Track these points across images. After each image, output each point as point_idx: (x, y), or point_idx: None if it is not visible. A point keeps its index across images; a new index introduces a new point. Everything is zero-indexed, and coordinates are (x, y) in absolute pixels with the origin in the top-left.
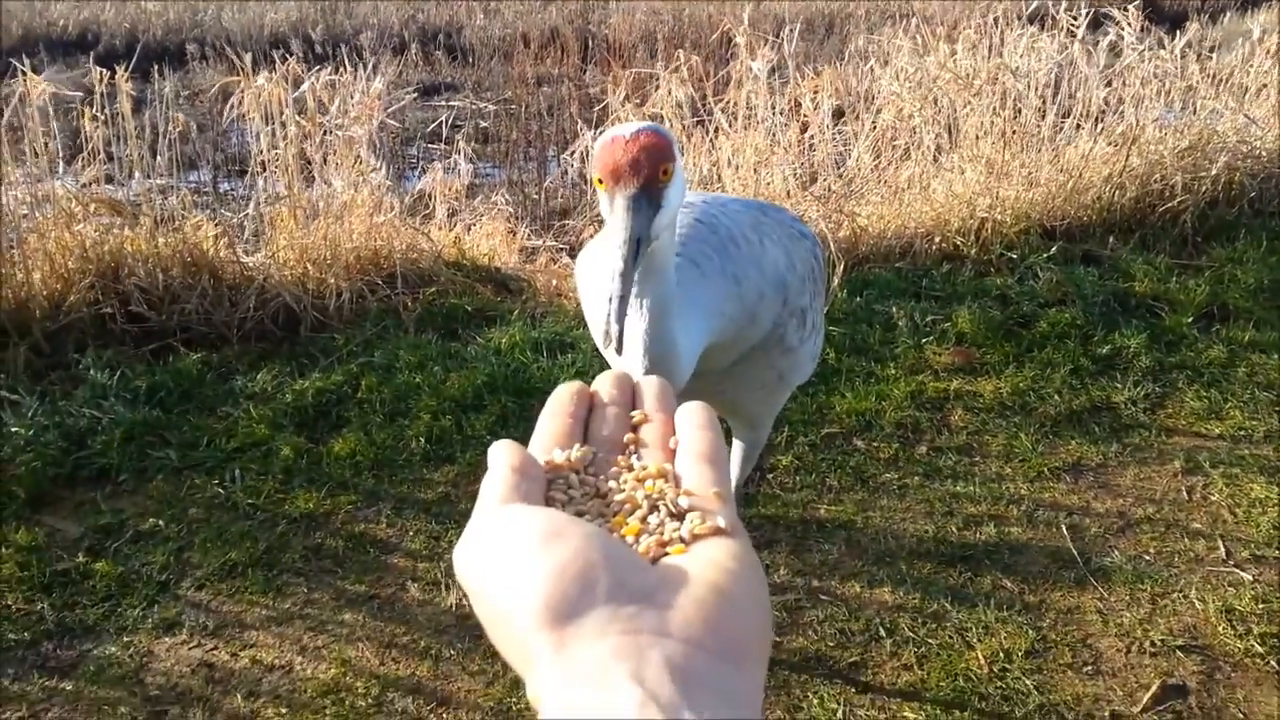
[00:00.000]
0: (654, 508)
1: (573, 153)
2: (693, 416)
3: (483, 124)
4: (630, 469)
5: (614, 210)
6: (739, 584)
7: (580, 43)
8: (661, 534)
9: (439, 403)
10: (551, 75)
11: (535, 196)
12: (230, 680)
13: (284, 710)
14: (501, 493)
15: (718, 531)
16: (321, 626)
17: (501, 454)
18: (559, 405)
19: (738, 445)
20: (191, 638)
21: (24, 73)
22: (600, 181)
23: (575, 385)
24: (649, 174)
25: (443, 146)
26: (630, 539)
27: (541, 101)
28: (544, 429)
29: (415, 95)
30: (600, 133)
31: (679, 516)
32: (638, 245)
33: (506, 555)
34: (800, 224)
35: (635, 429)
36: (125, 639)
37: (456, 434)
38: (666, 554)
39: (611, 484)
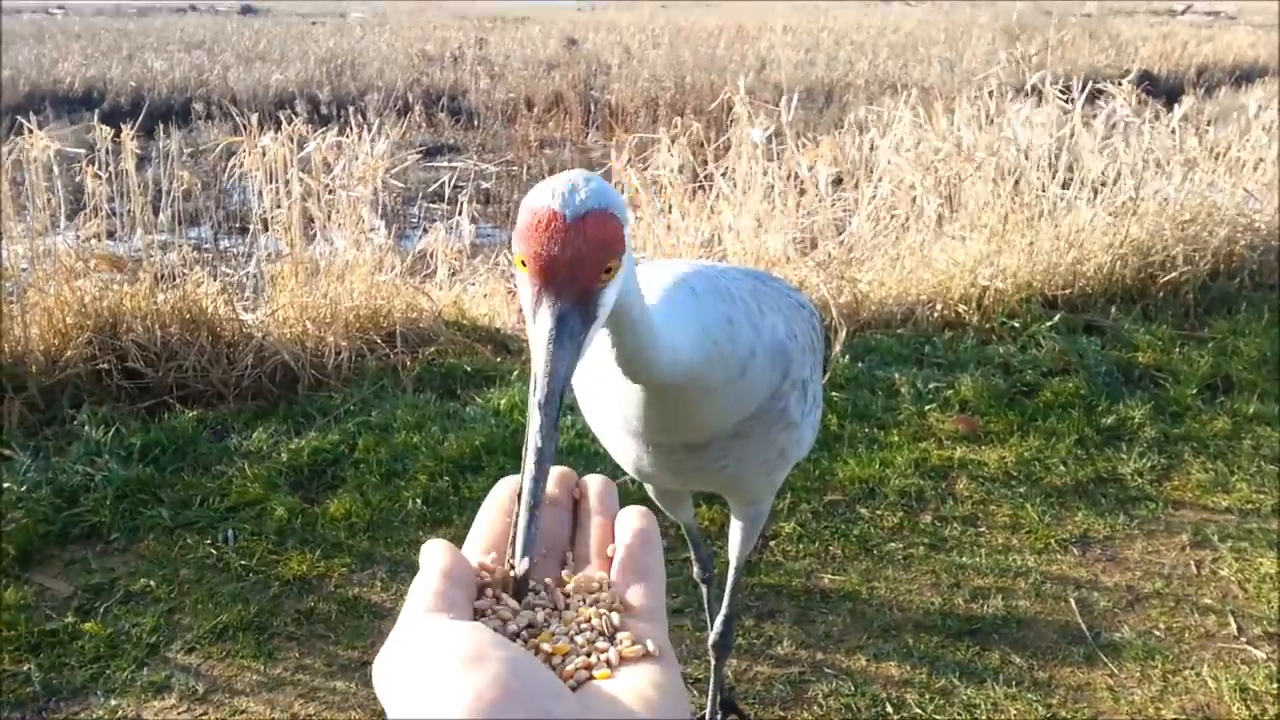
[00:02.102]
0: (584, 625)
1: None
2: (632, 524)
3: (485, 185)
4: (563, 584)
5: (536, 323)
6: (655, 714)
7: (583, 107)
8: (589, 655)
9: (436, 463)
10: (554, 138)
11: None
12: None
13: None
14: (428, 601)
15: (645, 656)
16: (313, 693)
17: (432, 556)
18: (498, 502)
19: (737, 525)
20: (181, 702)
21: (29, 129)
22: (523, 264)
23: (515, 483)
24: (589, 279)
25: (445, 206)
26: (557, 659)
27: (544, 163)
28: (482, 526)
29: (419, 156)
30: (532, 187)
31: (609, 636)
32: (561, 398)
33: (424, 676)
34: (799, 294)
35: (574, 532)
36: (113, 702)
37: (453, 495)
38: (592, 677)
39: (544, 596)
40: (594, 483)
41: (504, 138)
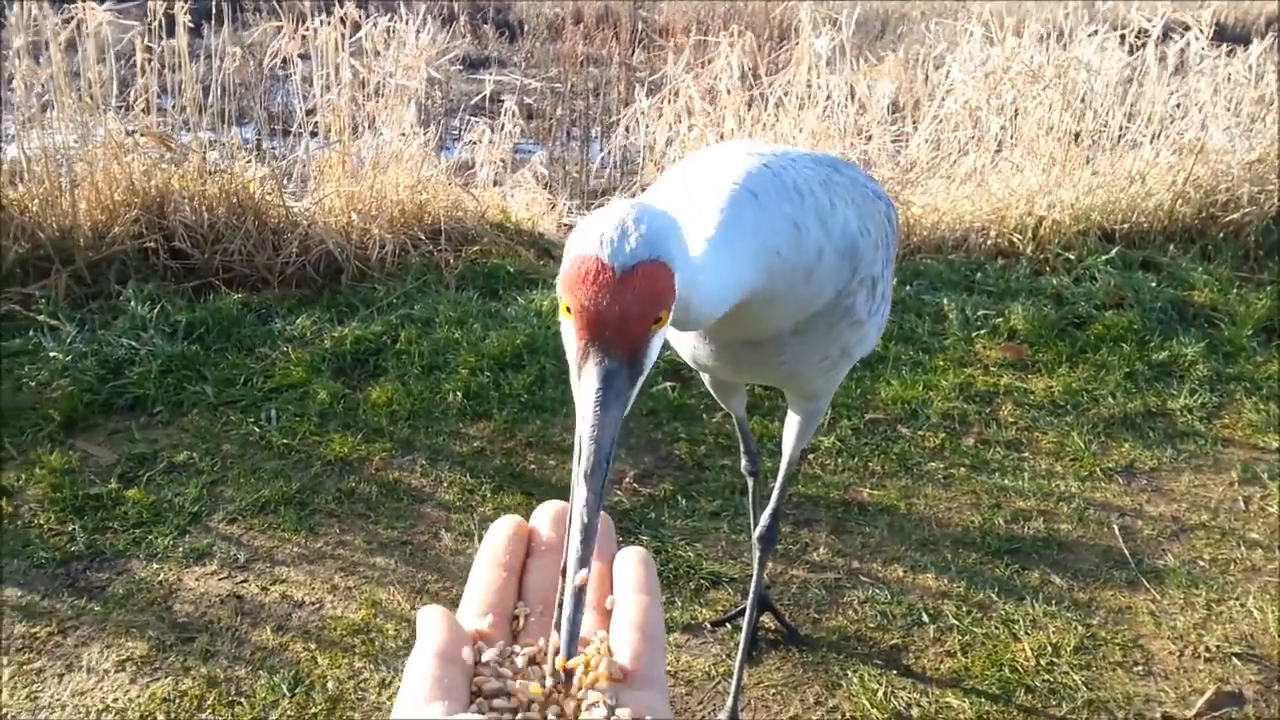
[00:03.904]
0: (584, 698)
1: (624, 126)
2: (632, 574)
3: (527, 100)
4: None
5: (581, 379)
6: None
7: (631, 23)
8: None
9: (477, 359)
10: (601, 56)
11: (576, 175)
12: (259, 613)
13: (312, 646)
14: (424, 690)
15: None
16: (353, 567)
17: (428, 630)
18: (493, 554)
19: (794, 418)
20: (221, 569)
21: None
22: (568, 311)
23: (510, 527)
24: (637, 335)
25: (488, 120)
26: None
27: (589, 81)
28: (477, 581)
29: (461, 69)
30: (579, 228)
31: (609, 712)
32: (608, 466)
33: None
34: (874, 183)
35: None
36: (155, 566)
37: (494, 391)
38: None
39: (541, 667)
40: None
41: (549, 53)
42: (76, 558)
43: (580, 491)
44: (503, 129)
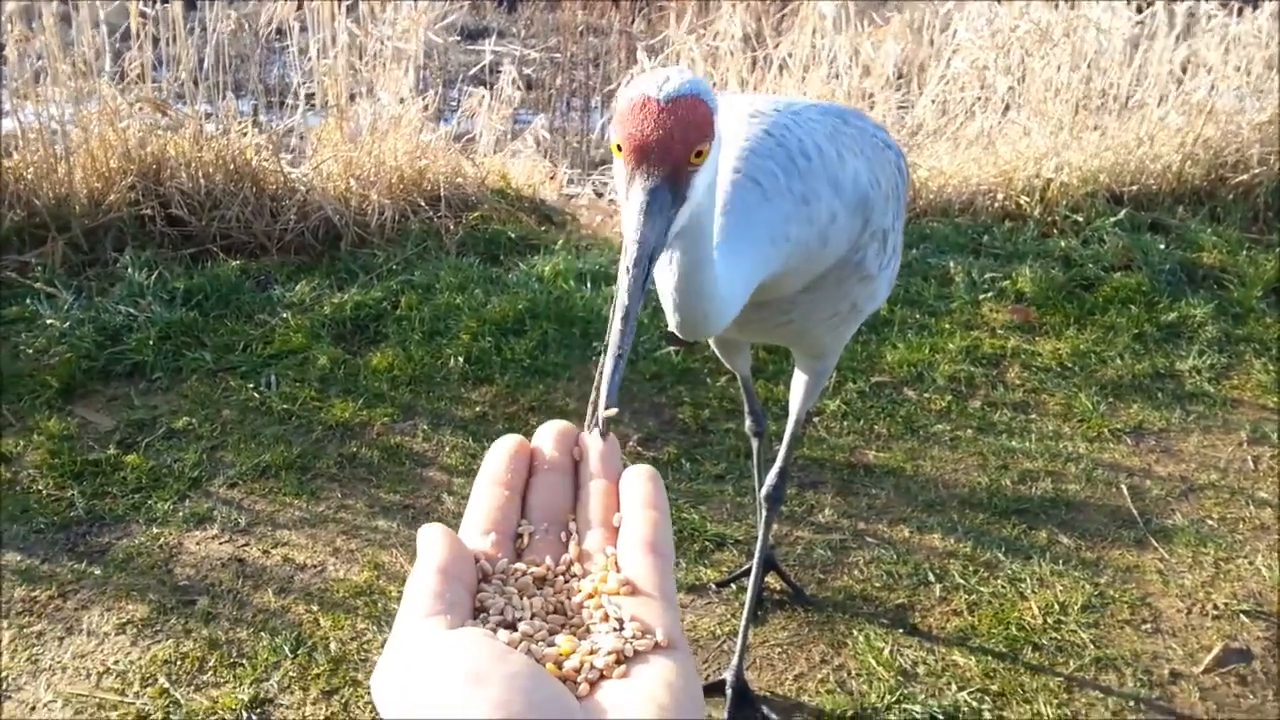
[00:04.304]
0: (592, 615)
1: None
2: (639, 490)
3: (526, 71)
4: (568, 569)
5: (629, 199)
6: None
7: None
8: (596, 652)
9: (479, 324)
10: (600, 25)
11: (576, 145)
12: (261, 576)
13: (315, 608)
14: (426, 604)
15: (656, 647)
16: (355, 531)
17: (428, 548)
18: (494, 472)
19: (801, 377)
20: (223, 533)
21: None
22: (619, 149)
23: (512, 445)
24: (679, 156)
25: (486, 91)
26: (566, 659)
27: (589, 51)
28: (479, 501)
29: (459, 39)
30: (629, 81)
31: (618, 626)
32: (650, 263)
33: (425, 701)
34: (884, 132)
35: (576, 497)
36: (155, 530)
37: (496, 356)
38: (602, 677)
39: (547, 589)
40: (594, 443)
41: (549, 23)
42: (76, 523)
43: (624, 280)
44: (501, 93)
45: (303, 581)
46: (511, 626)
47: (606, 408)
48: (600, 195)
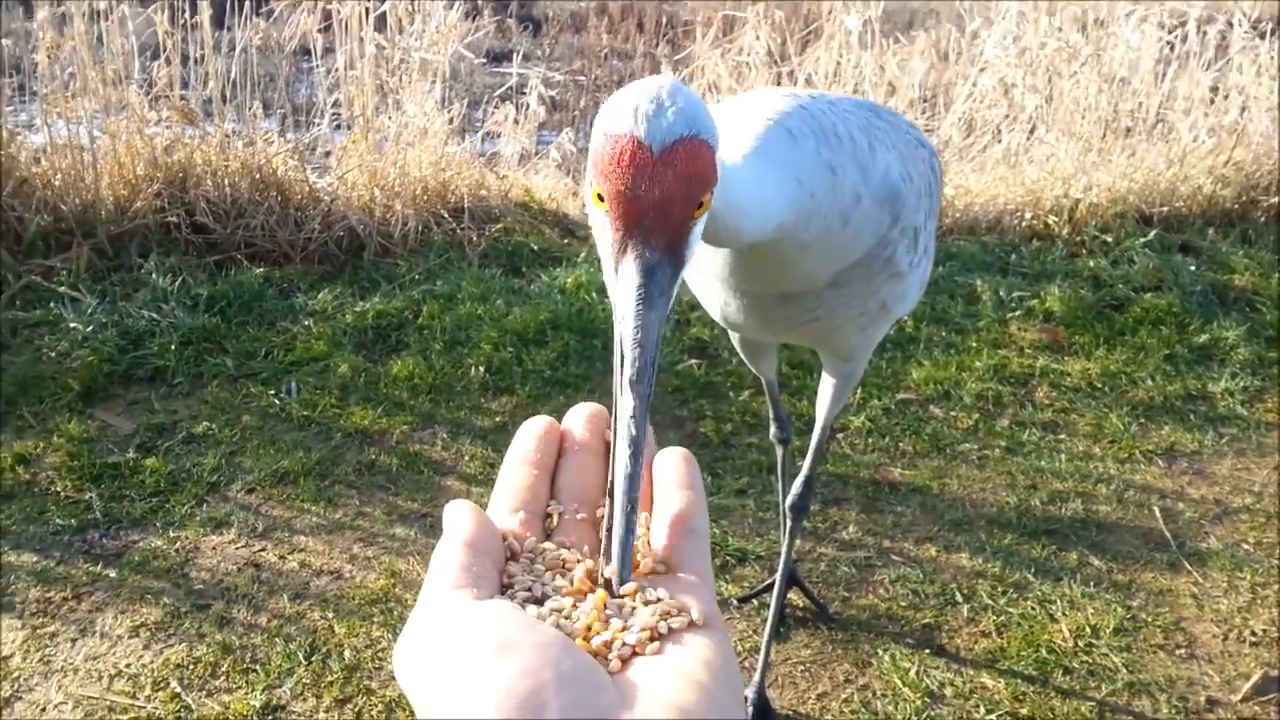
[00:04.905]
0: (623, 595)
1: None
2: (673, 470)
3: (550, 93)
4: (597, 549)
5: (619, 277)
6: (708, 700)
7: (656, 18)
8: (629, 628)
9: (500, 335)
10: (625, 49)
11: None
12: (277, 581)
13: (330, 614)
14: (451, 577)
15: (691, 625)
16: (373, 538)
17: (455, 521)
18: (523, 452)
19: (829, 381)
20: (239, 538)
21: None
22: (600, 199)
23: (542, 426)
24: (680, 221)
25: (511, 110)
26: (595, 637)
27: (613, 75)
28: (507, 480)
29: (484, 62)
30: (608, 97)
31: (652, 602)
32: (653, 370)
33: (450, 668)
34: (918, 131)
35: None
36: (172, 534)
37: (516, 366)
38: (634, 654)
39: (578, 561)
40: None
41: (574, 46)
42: (93, 525)
43: (626, 401)
44: (526, 108)
45: (318, 588)
46: (539, 602)
47: (617, 570)
48: None
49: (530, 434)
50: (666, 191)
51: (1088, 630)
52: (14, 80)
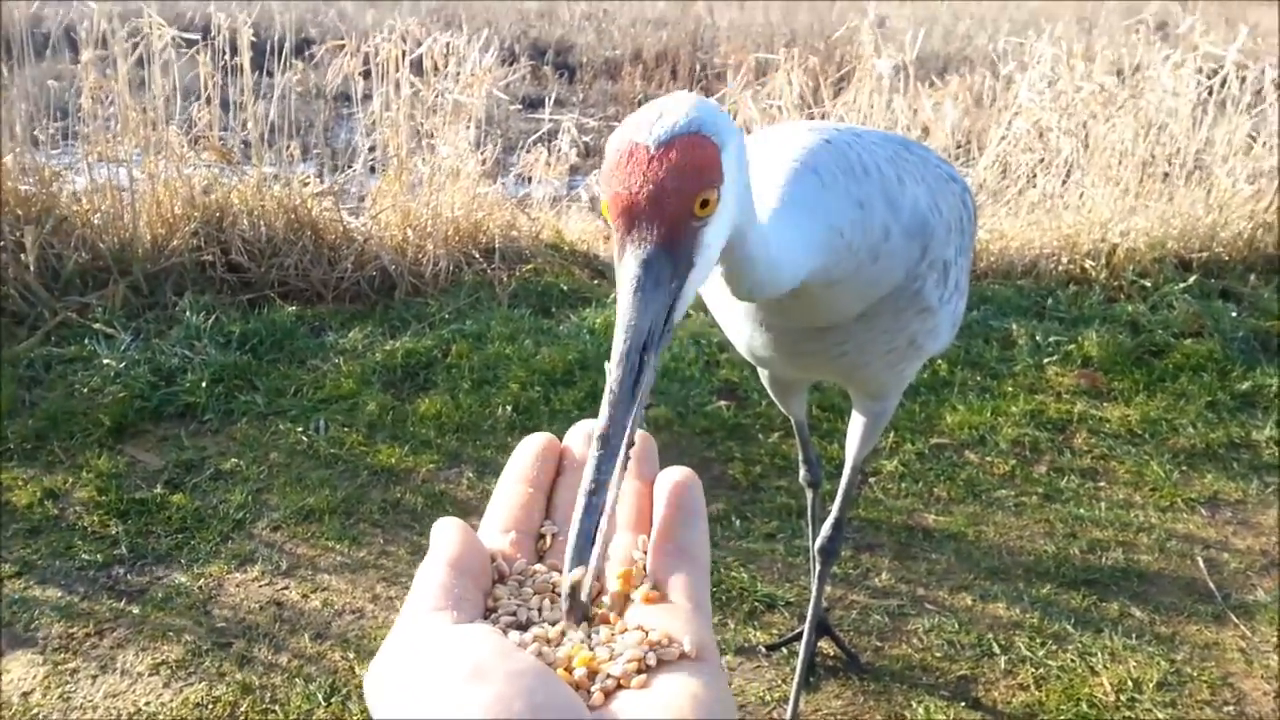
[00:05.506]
0: (612, 623)
1: None
2: (674, 493)
3: (584, 139)
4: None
5: (620, 274)
6: None
7: (689, 64)
8: (614, 659)
9: (528, 374)
10: (658, 95)
11: None
12: (299, 620)
13: (351, 655)
14: (432, 598)
15: (683, 657)
16: (396, 578)
17: (442, 540)
18: (519, 470)
19: (859, 420)
20: (263, 575)
21: (150, 17)
22: (607, 208)
23: (540, 443)
24: (677, 213)
25: (545, 153)
26: (578, 668)
27: None
28: (500, 498)
29: (519, 108)
30: (620, 122)
31: (641, 633)
32: (644, 357)
33: (419, 696)
34: (949, 166)
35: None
36: (196, 570)
37: (544, 405)
38: (619, 687)
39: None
40: (630, 442)
41: (606, 93)
42: (118, 560)
43: (609, 382)
44: (559, 150)
45: (340, 627)
46: (523, 628)
47: (568, 567)
48: None
49: (528, 450)
50: (658, 182)
51: (1130, 684)
52: (60, 125)
